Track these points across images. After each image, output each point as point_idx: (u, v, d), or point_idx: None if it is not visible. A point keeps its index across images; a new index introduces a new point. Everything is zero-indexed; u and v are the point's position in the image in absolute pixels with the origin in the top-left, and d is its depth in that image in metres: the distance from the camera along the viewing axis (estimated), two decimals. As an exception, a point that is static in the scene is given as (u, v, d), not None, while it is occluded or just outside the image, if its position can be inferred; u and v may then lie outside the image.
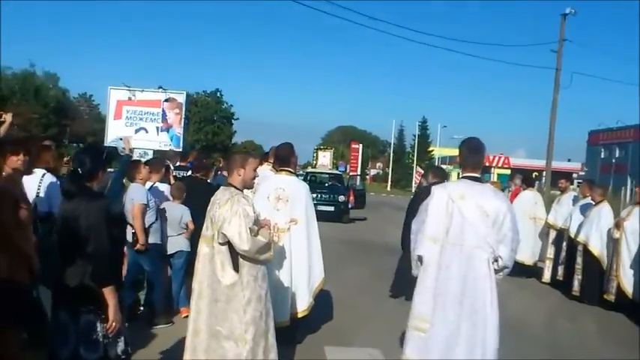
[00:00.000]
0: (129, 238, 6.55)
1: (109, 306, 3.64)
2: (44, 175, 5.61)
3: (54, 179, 5.54)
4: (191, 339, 4.32)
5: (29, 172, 5.07)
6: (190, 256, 7.29)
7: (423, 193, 9.85)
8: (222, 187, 4.50)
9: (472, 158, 4.40)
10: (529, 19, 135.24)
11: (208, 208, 4.42)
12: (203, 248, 4.35)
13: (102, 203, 3.76)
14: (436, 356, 4.15)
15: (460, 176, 4.46)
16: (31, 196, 5.11)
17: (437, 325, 4.16)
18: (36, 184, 5.47)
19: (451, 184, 4.54)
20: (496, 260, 4.22)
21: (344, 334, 6.81)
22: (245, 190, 4.59)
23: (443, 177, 9.08)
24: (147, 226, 6.56)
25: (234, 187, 4.40)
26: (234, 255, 4.21)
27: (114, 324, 3.66)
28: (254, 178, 4.65)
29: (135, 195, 6.47)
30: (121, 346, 3.78)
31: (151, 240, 6.57)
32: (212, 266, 4.26)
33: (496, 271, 4.25)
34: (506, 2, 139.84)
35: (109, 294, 3.64)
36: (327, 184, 23.08)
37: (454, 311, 4.15)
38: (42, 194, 5.47)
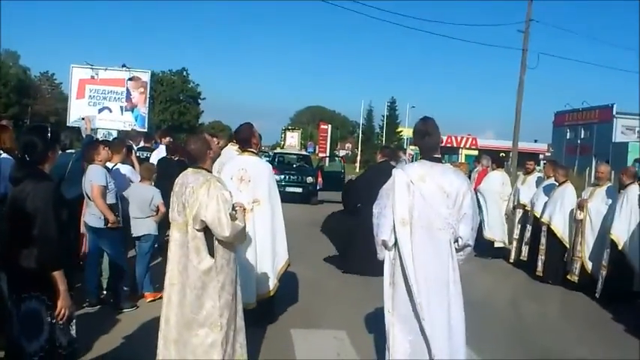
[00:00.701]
0: (91, 221, 6.42)
1: (59, 291, 3.51)
2: (0, 155, 5.42)
3: (10, 159, 5.34)
4: (163, 327, 4.22)
5: None
6: (159, 240, 7.21)
7: (372, 169, 10.80)
8: (191, 169, 4.33)
9: (428, 140, 4.34)
10: None
11: (176, 190, 4.26)
12: (174, 234, 4.22)
13: (49, 185, 3.61)
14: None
15: (420, 157, 4.42)
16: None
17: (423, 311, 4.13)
18: (-9, 165, 5.28)
19: (411, 166, 4.48)
20: (457, 240, 4.21)
21: (310, 317, 6.79)
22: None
23: (391, 156, 10.31)
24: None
25: (206, 169, 4.28)
26: (210, 240, 4.10)
27: (62, 310, 3.53)
28: (218, 150, 4.65)
29: (93, 177, 6.32)
30: (73, 332, 3.67)
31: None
32: (184, 252, 4.13)
33: (457, 250, 4.25)
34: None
35: (58, 278, 3.51)
36: (295, 165, 22.99)
37: (426, 294, 4.13)
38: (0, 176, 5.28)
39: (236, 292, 4.30)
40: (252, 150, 6.23)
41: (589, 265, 8.77)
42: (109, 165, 6.91)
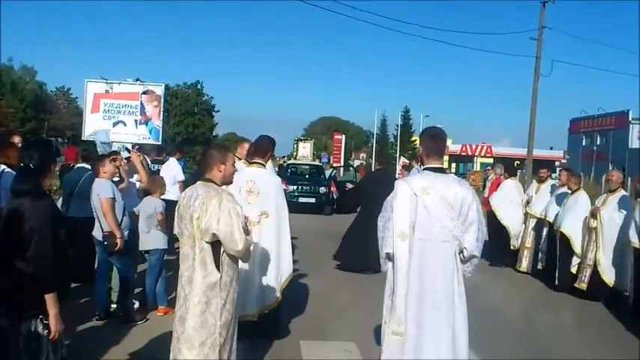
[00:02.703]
0: (99, 235, 6.41)
1: (50, 315, 3.46)
2: (3, 170, 5.44)
3: (13, 174, 5.36)
4: (173, 342, 4.16)
5: None
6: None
7: (370, 175, 12.03)
8: (200, 182, 4.27)
9: (433, 147, 4.29)
10: (510, 7, 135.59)
11: (183, 203, 4.18)
12: (181, 247, 4.20)
13: (47, 203, 3.57)
14: (410, 357, 4.05)
15: (423, 168, 4.37)
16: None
17: (410, 325, 4.07)
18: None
19: (414, 178, 4.41)
20: (462, 251, 4.14)
21: (320, 328, 6.74)
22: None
23: (386, 163, 11.82)
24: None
25: (215, 183, 4.21)
26: (217, 254, 4.04)
27: (55, 334, 3.49)
28: (233, 174, 4.48)
29: (100, 190, 6.30)
30: (63, 351, 3.64)
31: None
32: (189, 264, 4.07)
33: (463, 261, 4.18)
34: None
35: (50, 301, 3.46)
36: (307, 176, 23.04)
37: (423, 308, 4.06)
38: (1, 190, 5.30)
39: (235, 312, 4.23)
40: (260, 162, 6.21)
41: (607, 276, 8.55)
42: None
